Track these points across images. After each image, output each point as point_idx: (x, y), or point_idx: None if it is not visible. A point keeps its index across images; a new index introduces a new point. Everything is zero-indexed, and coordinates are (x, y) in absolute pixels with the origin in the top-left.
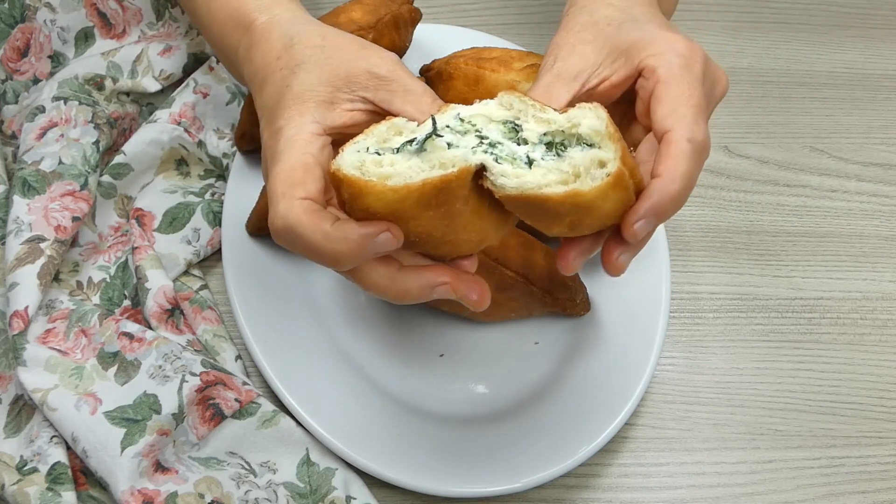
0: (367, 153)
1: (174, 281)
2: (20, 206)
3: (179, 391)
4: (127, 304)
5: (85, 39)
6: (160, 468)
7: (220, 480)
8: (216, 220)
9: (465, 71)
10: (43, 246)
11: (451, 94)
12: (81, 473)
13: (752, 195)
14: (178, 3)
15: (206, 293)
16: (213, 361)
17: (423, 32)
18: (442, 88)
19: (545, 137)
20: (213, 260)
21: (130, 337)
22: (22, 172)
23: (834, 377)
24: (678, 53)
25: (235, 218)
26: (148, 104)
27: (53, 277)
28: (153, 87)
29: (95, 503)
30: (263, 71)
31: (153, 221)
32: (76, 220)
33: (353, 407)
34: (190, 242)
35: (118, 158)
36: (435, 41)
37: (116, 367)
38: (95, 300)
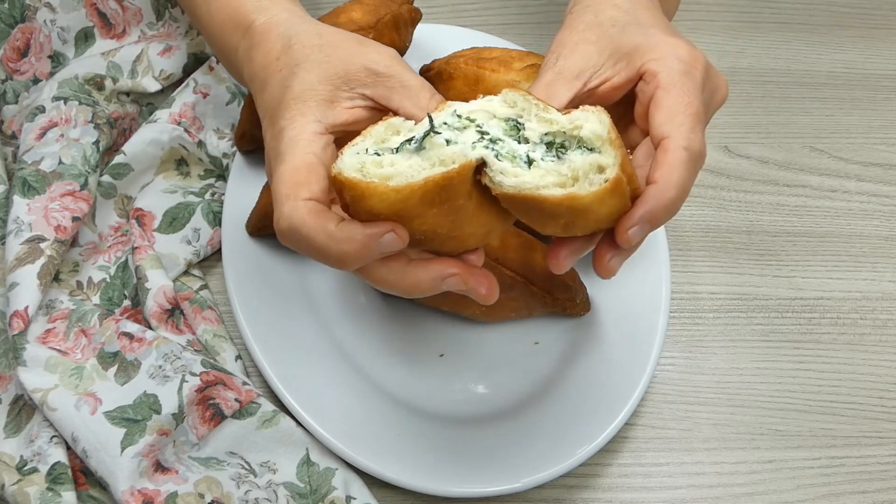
0: (366, 154)
1: (174, 281)
2: (20, 206)
3: (179, 391)
4: (127, 304)
5: (85, 39)
6: (160, 468)
7: (220, 480)
8: (216, 220)
9: (465, 71)
10: (43, 246)
11: (451, 94)
12: (81, 473)
13: (752, 195)
14: (178, 3)
15: (206, 293)
16: (213, 361)
17: (423, 32)
18: (442, 88)
19: (546, 137)
20: (213, 260)
21: (130, 337)
22: (22, 172)
23: (834, 377)
24: (680, 59)
25: (235, 218)
26: (148, 104)
27: (53, 277)
28: (153, 87)
29: (95, 503)
30: (263, 72)
31: (153, 221)
32: (76, 220)
33: (353, 407)
34: (190, 242)
35: (118, 158)
36: (435, 41)
37: (116, 367)
38: (95, 300)
